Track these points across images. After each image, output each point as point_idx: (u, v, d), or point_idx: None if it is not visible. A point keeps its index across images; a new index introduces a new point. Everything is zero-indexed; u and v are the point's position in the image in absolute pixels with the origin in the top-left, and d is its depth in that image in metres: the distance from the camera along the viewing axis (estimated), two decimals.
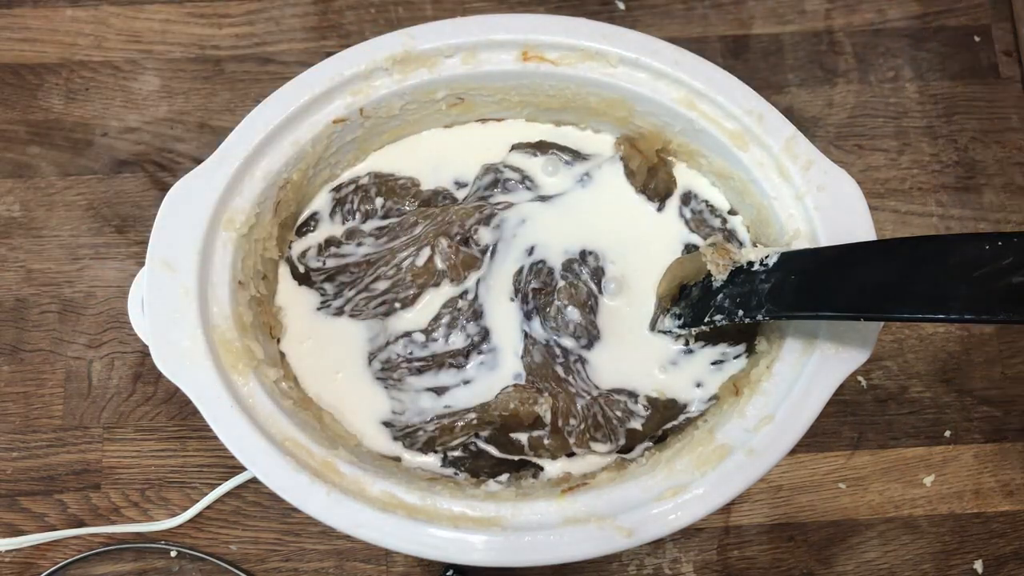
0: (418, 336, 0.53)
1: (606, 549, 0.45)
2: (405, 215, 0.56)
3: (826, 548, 0.62)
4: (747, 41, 0.72)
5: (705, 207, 0.56)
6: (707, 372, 0.53)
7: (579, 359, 0.53)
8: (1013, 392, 0.65)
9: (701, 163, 0.56)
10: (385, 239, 0.56)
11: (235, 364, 0.48)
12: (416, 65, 0.54)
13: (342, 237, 0.56)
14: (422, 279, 0.54)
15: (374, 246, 0.55)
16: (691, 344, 0.53)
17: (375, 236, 0.56)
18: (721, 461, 0.46)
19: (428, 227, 0.55)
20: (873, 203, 0.50)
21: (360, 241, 0.56)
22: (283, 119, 0.52)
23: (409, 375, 0.53)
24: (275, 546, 0.61)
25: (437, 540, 0.44)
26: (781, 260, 0.46)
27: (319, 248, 0.56)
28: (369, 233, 0.56)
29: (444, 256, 0.54)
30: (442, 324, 0.53)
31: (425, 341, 0.53)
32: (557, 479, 0.51)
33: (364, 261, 0.55)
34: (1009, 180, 0.69)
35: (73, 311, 0.65)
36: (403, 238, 0.55)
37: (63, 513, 0.62)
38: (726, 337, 0.53)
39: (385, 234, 0.56)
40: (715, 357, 0.53)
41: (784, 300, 0.45)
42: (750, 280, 0.47)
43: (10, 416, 0.63)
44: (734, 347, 0.53)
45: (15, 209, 0.67)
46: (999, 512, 0.63)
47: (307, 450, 0.47)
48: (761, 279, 0.47)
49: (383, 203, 0.57)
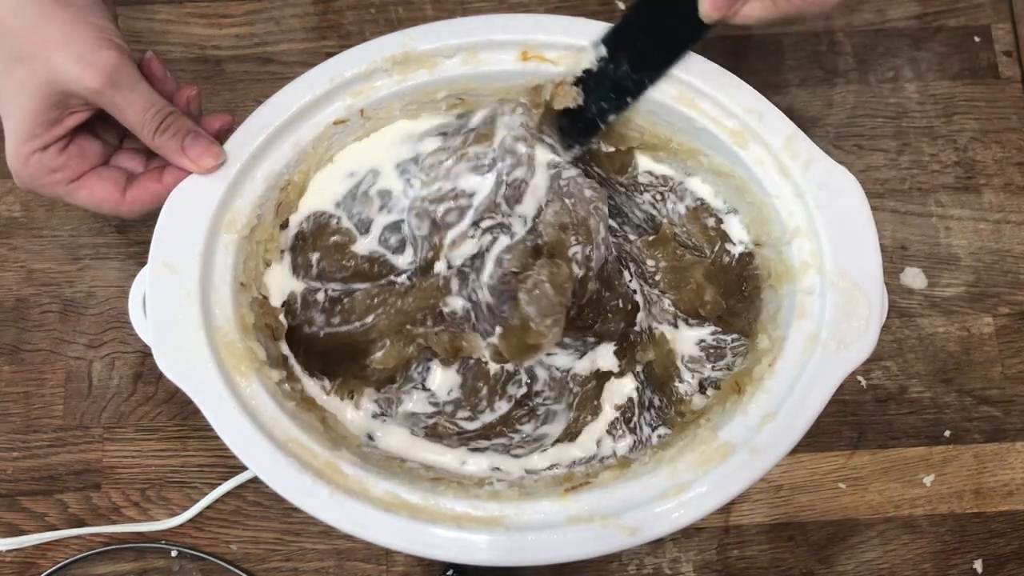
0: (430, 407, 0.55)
1: (609, 548, 0.45)
2: (352, 295, 0.55)
3: (826, 548, 0.62)
4: (747, 41, 0.72)
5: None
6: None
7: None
8: (1013, 392, 0.65)
9: (701, 161, 0.56)
10: (339, 319, 0.55)
11: (237, 366, 0.48)
12: (416, 66, 0.54)
13: (299, 305, 0.55)
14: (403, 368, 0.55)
15: (329, 323, 0.55)
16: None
17: (326, 313, 0.55)
18: (724, 459, 0.46)
19: (382, 319, 0.55)
20: (873, 203, 0.50)
21: (314, 319, 0.55)
22: (284, 121, 0.52)
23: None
24: (276, 546, 0.61)
25: (440, 540, 0.45)
26: (609, 45, 0.53)
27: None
28: (322, 307, 0.55)
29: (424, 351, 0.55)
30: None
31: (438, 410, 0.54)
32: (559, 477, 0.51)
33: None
34: (1008, 180, 0.69)
35: (73, 311, 0.65)
36: (357, 326, 0.55)
37: (63, 513, 0.61)
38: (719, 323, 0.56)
39: (339, 314, 0.55)
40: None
41: (643, 64, 0.53)
42: (603, 79, 0.53)
43: (10, 416, 0.63)
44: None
45: (15, 209, 0.67)
46: (999, 512, 0.63)
47: (310, 451, 0.47)
48: (610, 71, 0.53)
49: (319, 261, 0.55)
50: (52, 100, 0.48)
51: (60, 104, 0.48)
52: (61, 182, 0.51)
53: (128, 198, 0.52)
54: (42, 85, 0.48)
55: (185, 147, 0.50)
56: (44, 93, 0.48)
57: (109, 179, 0.52)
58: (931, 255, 0.67)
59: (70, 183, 0.52)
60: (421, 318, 0.54)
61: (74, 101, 0.49)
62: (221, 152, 0.51)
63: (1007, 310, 0.67)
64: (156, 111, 0.50)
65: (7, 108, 0.49)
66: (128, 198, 0.52)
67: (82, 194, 0.52)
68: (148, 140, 0.50)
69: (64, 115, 0.49)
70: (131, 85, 0.49)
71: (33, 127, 0.49)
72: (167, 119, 0.50)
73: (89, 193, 0.52)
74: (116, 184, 0.52)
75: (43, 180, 0.51)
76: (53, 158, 0.50)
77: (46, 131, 0.49)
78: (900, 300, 0.66)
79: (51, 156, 0.50)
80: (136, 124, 0.50)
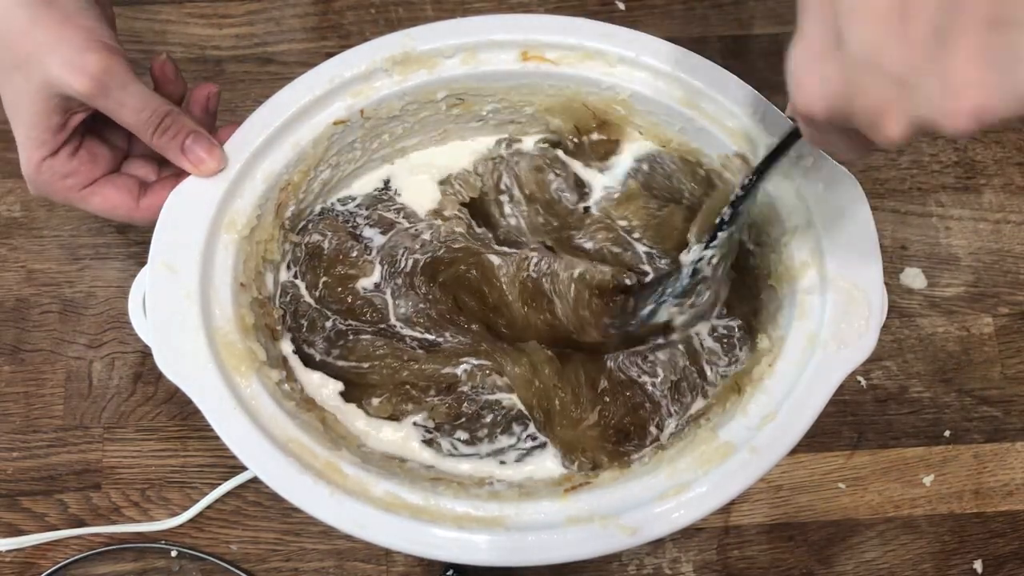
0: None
1: (609, 548, 0.45)
2: (359, 336, 0.56)
3: (826, 548, 0.62)
4: (747, 41, 0.72)
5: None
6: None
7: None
8: (1013, 392, 0.65)
9: (701, 160, 0.56)
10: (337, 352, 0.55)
11: (237, 366, 0.48)
12: (416, 66, 0.54)
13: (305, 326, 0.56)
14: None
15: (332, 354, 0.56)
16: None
17: (329, 342, 0.56)
18: (724, 459, 0.46)
19: (386, 378, 0.55)
20: (873, 203, 0.50)
21: (314, 345, 0.56)
22: (284, 121, 0.52)
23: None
24: (275, 546, 0.61)
25: (441, 540, 0.44)
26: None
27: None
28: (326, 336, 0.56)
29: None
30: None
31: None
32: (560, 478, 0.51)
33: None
34: (1008, 180, 0.69)
35: (73, 311, 0.65)
36: (365, 367, 0.55)
37: (63, 513, 0.62)
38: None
39: (339, 348, 0.56)
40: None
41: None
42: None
43: (10, 416, 0.63)
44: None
45: (16, 209, 0.67)
46: (999, 512, 0.63)
47: (310, 451, 0.47)
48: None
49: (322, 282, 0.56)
50: (52, 105, 0.48)
51: (61, 108, 0.48)
52: (74, 188, 0.51)
53: (142, 205, 0.52)
54: (39, 91, 0.47)
55: (185, 148, 0.50)
56: (43, 98, 0.48)
57: (123, 186, 0.52)
58: (931, 255, 0.68)
59: (83, 189, 0.51)
60: (425, 387, 0.54)
61: (73, 104, 0.48)
62: (222, 155, 0.51)
63: (1007, 310, 0.67)
64: (152, 111, 0.49)
65: (13, 118, 0.49)
66: (142, 205, 0.52)
67: (96, 200, 0.52)
68: (148, 141, 0.50)
69: (67, 118, 0.49)
70: (122, 86, 0.48)
71: (40, 134, 0.49)
72: (165, 119, 0.50)
73: (103, 200, 0.52)
74: (129, 191, 0.52)
75: (56, 186, 0.51)
76: (64, 163, 0.50)
77: (52, 136, 0.49)
78: (900, 300, 0.66)
79: (62, 162, 0.50)
80: (134, 125, 0.49)
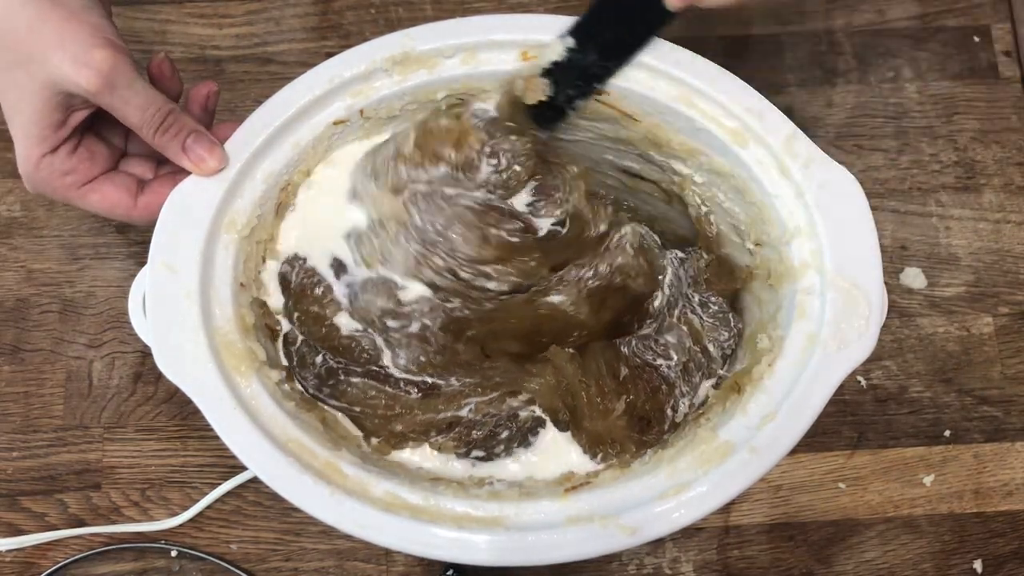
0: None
1: (609, 548, 0.45)
2: (351, 382, 0.54)
3: (826, 548, 0.62)
4: (747, 41, 0.72)
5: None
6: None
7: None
8: (1013, 392, 0.65)
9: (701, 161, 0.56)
10: (328, 391, 0.54)
11: (237, 366, 0.48)
12: (416, 66, 0.54)
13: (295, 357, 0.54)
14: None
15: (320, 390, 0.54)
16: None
17: (317, 381, 0.54)
18: (724, 459, 0.46)
19: (379, 426, 0.53)
20: (873, 203, 0.50)
21: (307, 380, 0.54)
22: (284, 121, 0.52)
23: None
24: (275, 546, 0.61)
25: (441, 540, 0.44)
26: (576, 37, 0.53)
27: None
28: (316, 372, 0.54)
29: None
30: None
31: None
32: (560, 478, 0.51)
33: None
34: (1008, 180, 0.69)
35: (73, 311, 0.65)
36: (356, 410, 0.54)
37: (63, 513, 0.62)
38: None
39: (332, 396, 0.54)
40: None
41: (611, 52, 0.53)
42: (571, 69, 0.53)
43: (10, 416, 0.63)
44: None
45: (15, 209, 0.67)
46: (999, 512, 0.63)
47: (310, 451, 0.47)
48: (578, 61, 0.53)
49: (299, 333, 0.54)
50: (54, 102, 0.48)
51: (63, 105, 0.48)
52: (72, 186, 0.51)
53: (140, 204, 0.52)
54: (42, 88, 0.47)
55: (186, 147, 0.50)
56: (45, 95, 0.48)
57: (121, 184, 0.52)
58: (931, 255, 0.68)
59: (81, 187, 0.51)
60: (424, 431, 0.53)
61: (76, 101, 0.48)
62: (223, 155, 0.51)
63: (1007, 310, 0.67)
64: (156, 110, 0.49)
65: (12, 114, 0.49)
66: (140, 204, 0.52)
67: (94, 198, 0.52)
68: (149, 139, 0.50)
69: (68, 115, 0.49)
70: (128, 84, 0.48)
71: (40, 131, 0.49)
72: (168, 118, 0.50)
73: (101, 198, 0.52)
74: (128, 190, 0.52)
75: (55, 184, 0.51)
76: (63, 161, 0.50)
77: (53, 133, 0.49)
78: (900, 300, 0.66)
79: (61, 159, 0.50)
80: (136, 123, 0.49)
